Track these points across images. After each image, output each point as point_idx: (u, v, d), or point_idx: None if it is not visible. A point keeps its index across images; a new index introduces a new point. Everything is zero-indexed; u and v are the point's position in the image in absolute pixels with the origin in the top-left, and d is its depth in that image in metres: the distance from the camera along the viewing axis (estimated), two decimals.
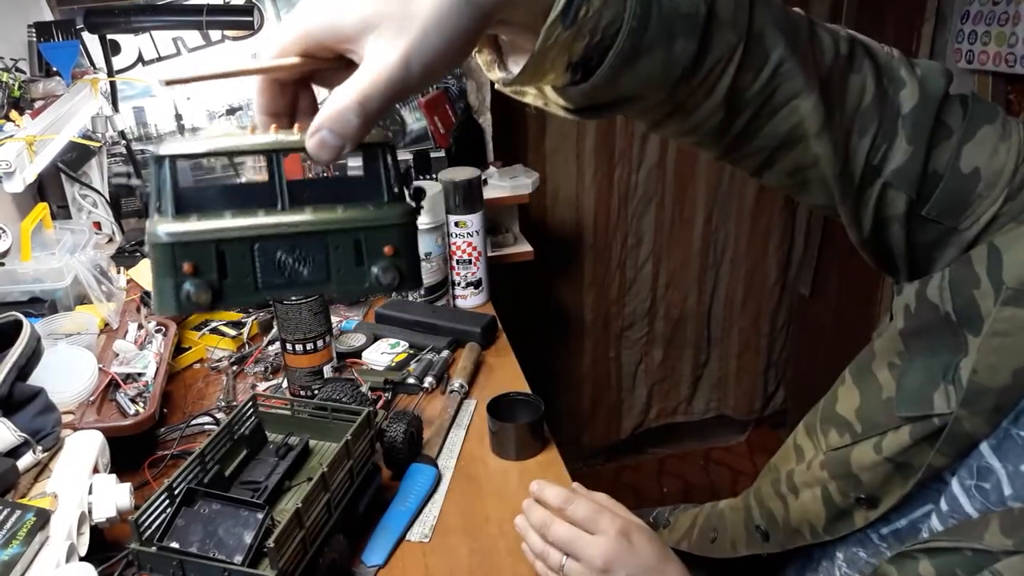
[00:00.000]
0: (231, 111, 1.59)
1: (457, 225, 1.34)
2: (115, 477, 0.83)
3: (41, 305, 1.13)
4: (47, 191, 1.51)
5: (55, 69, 1.29)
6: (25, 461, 0.79)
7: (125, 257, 1.40)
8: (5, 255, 1.14)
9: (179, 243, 0.38)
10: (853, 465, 0.65)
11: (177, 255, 0.38)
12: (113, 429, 0.93)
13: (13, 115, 1.06)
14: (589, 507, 0.74)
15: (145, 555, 0.70)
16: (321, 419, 0.92)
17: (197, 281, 0.39)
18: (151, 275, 0.40)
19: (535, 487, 0.79)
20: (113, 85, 1.46)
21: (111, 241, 1.51)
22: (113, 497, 0.80)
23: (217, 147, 0.40)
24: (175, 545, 0.70)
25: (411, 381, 1.14)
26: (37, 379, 0.88)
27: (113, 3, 1.42)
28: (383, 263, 0.42)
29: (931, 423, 0.58)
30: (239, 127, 1.60)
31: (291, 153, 0.41)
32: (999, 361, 0.53)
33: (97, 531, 0.80)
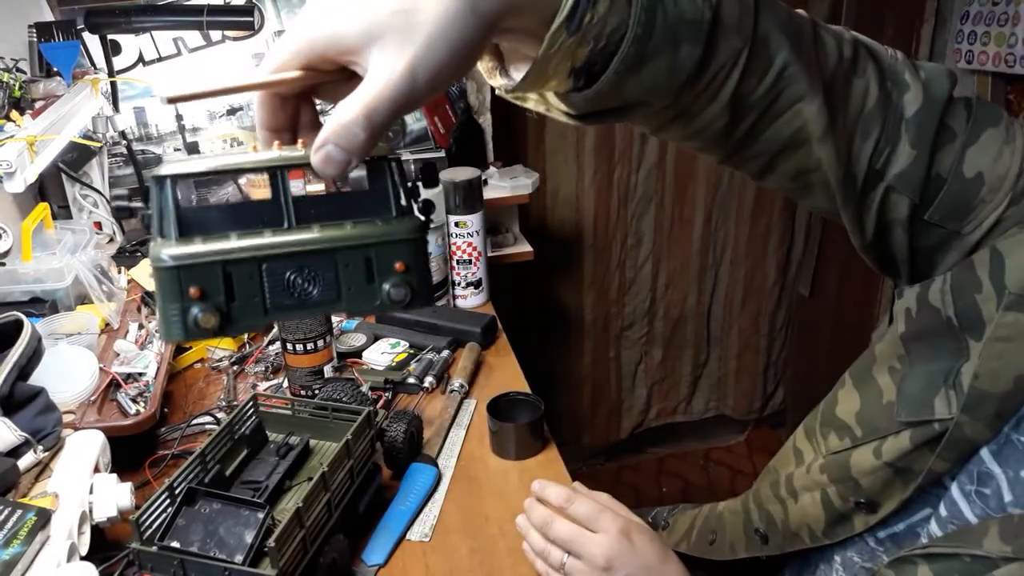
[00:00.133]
0: (232, 111, 1.59)
1: (457, 225, 1.34)
2: (116, 477, 0.83)
3: (42, 305, 1.14)
4: (48, 191, 1.51)
5: (56, 69, 1.29)
6: (26, 461, 0.80)
7: (126, 257, 1.40)
8: (6, 255, 1.14)
9: (184, 266, 0.37)
10: (853, 469, 0.64)
11: (182, 279, 0.37)
12: (114, 429, 0.94)
13: (14, 115, 1.06)
14: (590, 506, 0.74)
15: (146, 554, 0.70)
16: (321, 419, 0.92)
17: (204, 305, 0.38)
18: (156, 301, 0.38)
19: (537, 486, 0.79)
20: (114, 85, 1.46)
21: (112, 241, 1.51)
22: (114, 497, 0.80)
23: (219, 166, 0.40)
24: (176, 544, 0.70)
25: (411, 381, 1.14)
26: (38, 379, 0.88)
27: (113, 3, 1.42)
28: (394, 280, 0.41)
29: (932, 428, 0.57)
30: (240, 127, 1.60)
31: (295, 170, 0.40)
32: (1001, 366, 0.53)
33: (98, 531, 0.80)
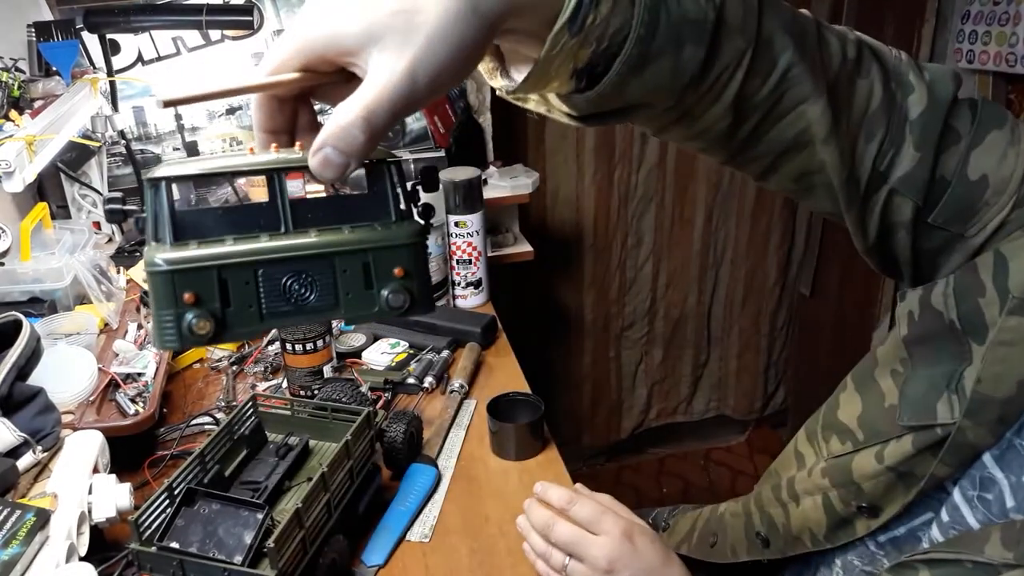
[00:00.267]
0: (231, 111, 1.59)
1: (457, 225, 1.34)
2: (115, 477, 0.83)
3: (41, 305, 1.13)
4: (47, 191, 1.51)
5: (55, 69, 1.29)
6: (25, 461, 0.79)
7: (125, 257, 1.40)
8: (5, 255, 1.14)
9: (178, 271, 0.37)
10: (854, 473, 0.64)
11: (177, 284, 0.37)
12: (113, 429, 0.93)
13: (13, 115, 1.06)
14: (592, 508, 0.74)
15: (145, 555, 0.70)
16: (321, 419, 0.92)
17: (199, 311, 0.37)
18: (150, 308, 0.38)
19: (539, 488, 0.79)
20: (113, 85, 1.46)
21: (111, 241, 1.51)
22: (113, 497, 0.80)
23: (215, 168, 0.39)
24: (175, 545, 0.70)
25: (411, 381, 1.14)
26: (37, 379, 0.88)
27: (113, 3, 1.42)
28: (393, 285, 0.40)
29: (934, 433, 0.57)
30: (239, 127, 1.60)
31: (293, 172, 0.39)
32: (1004, 371, 0.52)
33: (97, 531, 0.80)
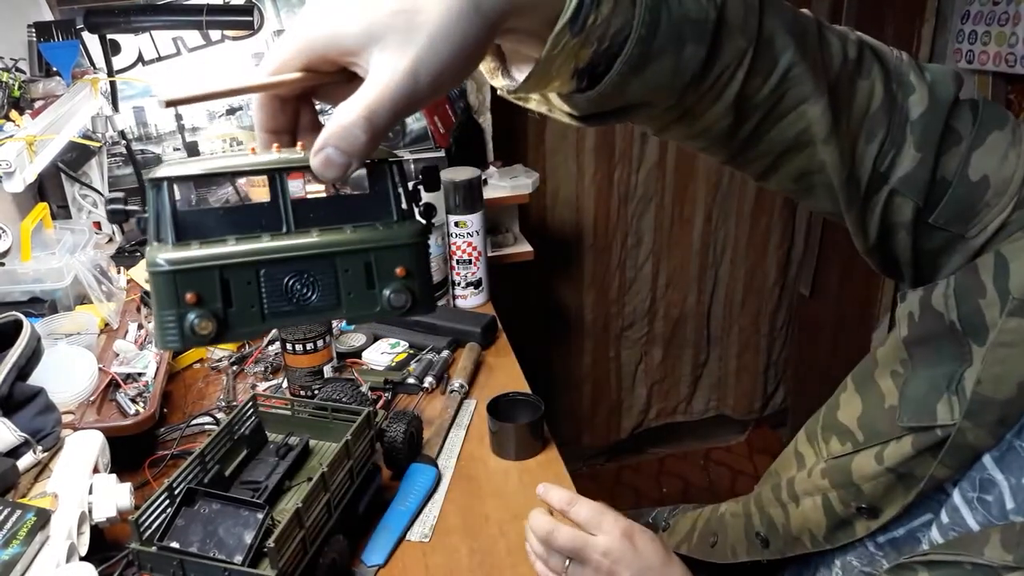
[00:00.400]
0: (231, 111, 1.59)
1: (457, 225, 1.34)
2: (115, 477, 0.83)
3: (41, 305, 1.13)
4: (47, 191, 1.51)
5: (55, 69, 1.29)
6: (25, 461, 0.79)
7: (125, 257, 1.40)
8: (5, 255, 1.14)
9: (180, 271, 0.37)
10: (854, 474, 0.64)
11: (179, 284, 0.37)
12: (113, 429, 0.93)
13: (13, 115, 1.06)
14: (592, 508, 0.74)
15: (145, 555, 0.70)
16: (321, 419, 0.92)
17: (201, 311, 0.37)
18: (152, 308, 0.38)
19: (540, 489, 0.78)
20: (113, 85, 1.46)
21: (111, 241, 1.51)
22: (113, 497, 0.80)
23: (217, 168, 0.39)
24: (175, 545, 0.70)
25: (411, 381, 1.14)
26: (37, 379, 0.88)
27: (113, 3, 1.42)
28: (395, 285, 0.40)
29: (934, 434, 0.57)
30: (239, 127, 1.60)
31: (295, 172, 0.39)
32: (1004, 372, 0.52)
33: (97, 531, 0.80)
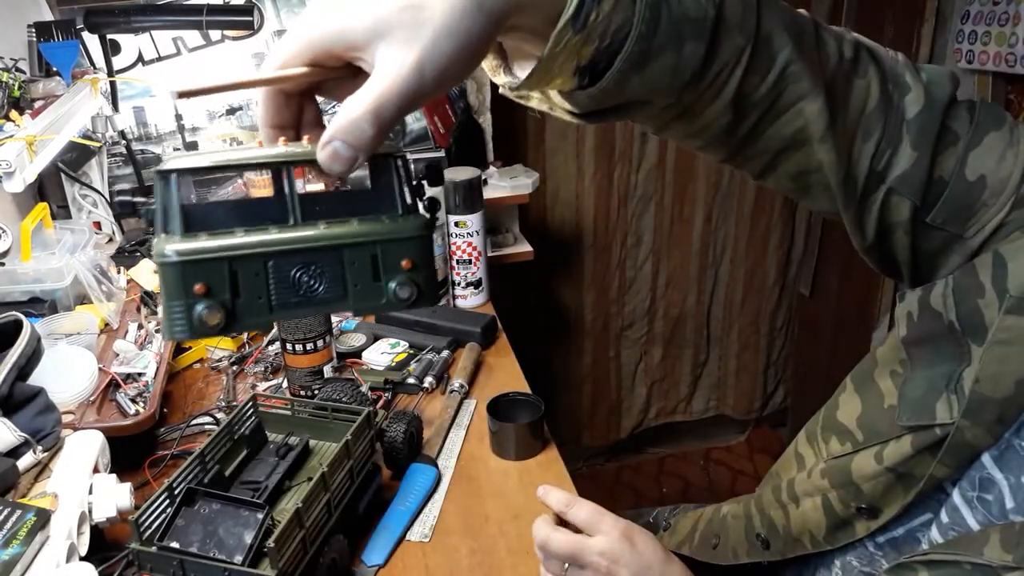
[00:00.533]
0: (231, 111, 1.59)
1: (457, 225, 1.34)
2: (115, 477, 0.83)
3: (41, 305, 1.13)
4: (47, 191, 1.51)
5: (55, 69, 1.29)
6: (25, 461, 0.80)
7: (125, 257, 1.40)
8: (5, 255, 1.14)
9: (189, 262, 0.37)
10: (854, 474, 0.64)
11: (187, 275, 0.37)
12: (113, 429, 0.93)
13: (13, 115, 1.06)
14: (591, 510, 0.74)
15: (145, 555, 0.70)
16: (321, 419, 0.92)
17: (209, 302, 0.37)
18: (160, 299, 0.38)
19: (541, 492, 0.78)
20: (113, 85, 1.46)
21: (111, 241, 1.51)
22: (113, 497, 0.80)
23: (225, 161, 0.39)
24: (175, 545, 0.70)
25: (411, 381, 1.14)
26: (37, 379, 0.88)
27: (113, 3, 1.42)
28: (400, 278, 0.40)
29: (933, 433, 0.57)
30: (239, 127, 1.60)
31: (301, 166, 0.40)
32: (1001, 371, 0.52)
33: (97, 531, 0.80)
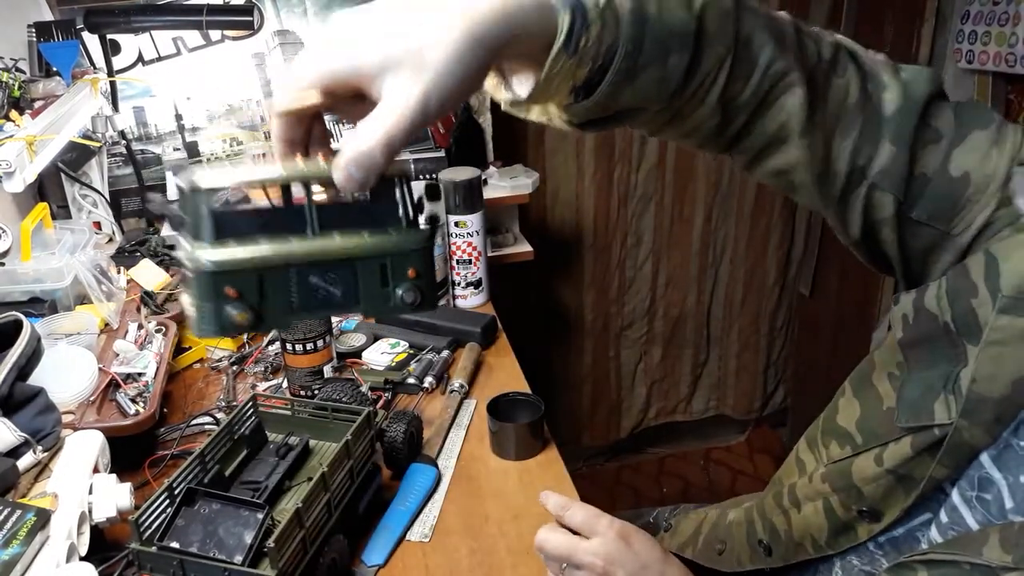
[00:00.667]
0: (231, 111, 1.59)
1: (457, 225, 1.34)
2: (115, 477, 0.83)
3: (41, 305, 1.13)
4: (47, 191, 1.51)
5: (55, 69, 1.29)
6: (25, 461, 0.80)
7: (125, 257, 1.40)
8: (5, 255, 1.14)
9: (223, 271, 0.40)
10: (854, 477, 0.64)
11: (220, 281, 0.41)
12: (113, 429, 0.93)
13: (13, 115, 1.06)
14: (587, 511, 0.73)
15: (145, 555, 0.70)
16: (321, 419, 0.92)
17: (239, 304, 0.41)
18: (190, 299, 0.42)
19: (542, 496, 0.78)
20: (113, 85, 1.46)
21: (111, 241, 1.51)
22: (113, 497, 0.80)
23: (253, 178, 0.43)
24: (175, 545, 0.70)
25: (411, 381, 1.14)
26: (37, 379, 0.88)
27: (113, 3, 1.42)
28: (407, 285, 0.46)
29: (932, 433, 0.57)
30: (239, 127, 1.60)
31: (319, 182, 0.44)
32: (997, 370, 0.52)
33: (97, 531, 0.80)
